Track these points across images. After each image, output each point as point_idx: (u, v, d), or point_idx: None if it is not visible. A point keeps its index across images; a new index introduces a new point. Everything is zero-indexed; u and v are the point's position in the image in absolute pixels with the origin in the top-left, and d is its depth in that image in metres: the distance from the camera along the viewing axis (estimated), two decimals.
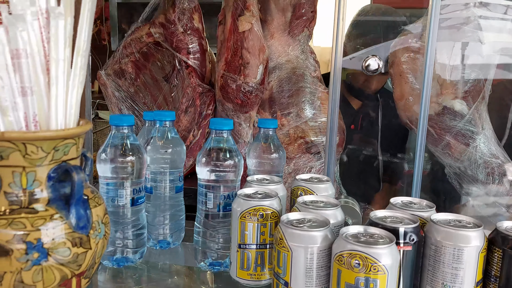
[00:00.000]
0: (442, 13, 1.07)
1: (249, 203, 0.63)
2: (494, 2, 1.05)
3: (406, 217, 0.59)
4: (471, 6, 1.05)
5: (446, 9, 1.06)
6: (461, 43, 1.03)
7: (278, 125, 1.17)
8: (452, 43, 1.04)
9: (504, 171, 1.03)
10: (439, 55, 1.03)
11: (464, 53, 1.03)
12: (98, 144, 1.81)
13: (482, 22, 1.04)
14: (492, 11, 1.05)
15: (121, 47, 1.23)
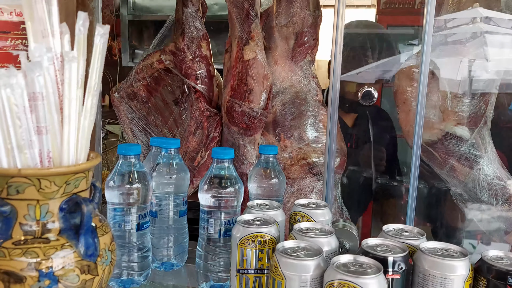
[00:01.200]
0: (449, 26, 1.10)
1: (248, 229, 0.66)
2: (501, 16, 1.08)
3: (397, 245, 0.62)
4: (478, 20, 1.08)
5: (453, 23, 1.09)
6: (467, 60, 1.06)
7: (281, 147, 1.21)
8: (458, 59, 1.06)
9: (508, 192, 1.05)
10: (444, 70, 1.06)
11: (469, 69, 1.06)
12: (107, 161, 1.86)
13: (488, 38, 1.07)
14: (499, 25, 1.08)
15: (133, 72, 1.29)
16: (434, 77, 1.05)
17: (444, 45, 1.08)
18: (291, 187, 1.20)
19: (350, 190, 1.39)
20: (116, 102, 1.31)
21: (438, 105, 1.05)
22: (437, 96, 1.05)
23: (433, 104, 1.05)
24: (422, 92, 0.79)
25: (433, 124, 1.06)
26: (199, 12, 1.21)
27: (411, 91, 1.08)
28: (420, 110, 0.80)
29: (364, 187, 1.44)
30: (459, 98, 1.04)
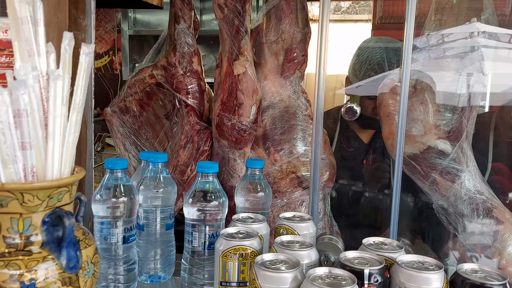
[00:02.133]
0: (447, 41, 1.13)
1: (230, 243, 0.67)
2: (498, 31, 1.10)
3: (374, 258, 0.63)
4: (476, 35, 1.10)
5: (452, 37, 1.11)
6: (465, 74, 1.08)
7: (271, 160, 1.23)
8: (455, 73, 1.09)
9: (488, 207, 1.06)
10: (440, 84, 1.08)
11: (468, 83, 1.08)
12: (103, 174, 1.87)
13: (485, 52, 1.09)
14: (496, 40, 1.10)
15: (126, 87, 1.31)
16: (416, 91, 1.07)
17: (441, 59, 1.11)
18: (281, 201, 1.21)
19: (371, 208, 1.35)
20: (108, 117, 1.33)
21: (420, 119, 1.06)
22: (419, 110, 1.07)
23: (415, 118, 1.07)
24: (403, 107, 0.81)
25: (415, 138, 1.07)
26: (190, 29, 1.24)
27: (394, 105, 1.09)
28: (402, 124, 0.82)
29: (385, 205, 1.40)
30: (441, 112, 1.06)
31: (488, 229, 1.03)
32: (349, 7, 5.01)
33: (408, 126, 1.10)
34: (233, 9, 1.15)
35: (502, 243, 1.04)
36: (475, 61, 1.10)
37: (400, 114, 0.82)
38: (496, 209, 1.06)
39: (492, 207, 1.07)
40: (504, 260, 1.03)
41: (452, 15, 1.09)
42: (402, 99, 0.81)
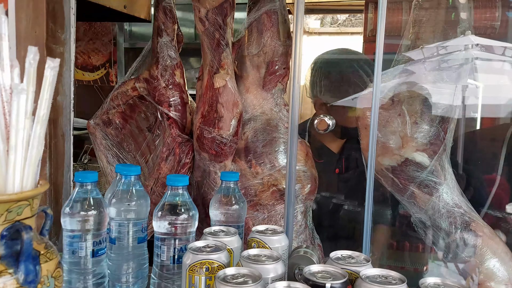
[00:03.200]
0: (441, 53, 1.14)
1: (197, 256, 0.67)
2: (491, 43, 1.11)
3: (338, 272, 0.63)
4: (469, 47, 1.11)
5: (447, 49, 1.12)
6: (460, 87, 1.09)
7: (253, 173, 1.23)
8: (449, 85, 1.09)
9: (466, 220, 1.06)
10: (437, 96, 1.09)
11: (463, 95, 1.09)
12: None
13: (478, 64, 1.10)
14: (490, 52, 1.11)
15: (108, 99, 1.32)
16: (394, 103, 1.08)
17: (437, 71, 1.11)
18: (262, 214, 1.21)
19: (351, 220, 1.36)
20: (91, 129, 1.33)
21: (397, 131, 1.07)
22: (396, 122, 1.07)
23: (392, 130, 1.07)
24: (374, 120, 0.82)
25: (393, 150, 1.08)
26: (173, 42, 1.25)
27: None
28: (373, 138, 0.82)
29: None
30: (419, 125, 1.06)
31: (466, 243, 1.03)
32: (346, 20, 5.06)
33: (386, 138, 1.10)
34: (214, 22, 1.16)
35: (480, 258, 1.03)
36: (464, 73, 1.11)
37: (372, 126, 0.83)
38: (474, 222, 1.06)
39: (470, 220, 1.06)
40: (482, 275, 1.03)
41: (429, 27, 1.10)
42: (373, 111, 0.81)
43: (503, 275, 1.01)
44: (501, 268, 1.01)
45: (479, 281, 1.03)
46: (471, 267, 1.03)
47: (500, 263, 1.01)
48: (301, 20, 0.86)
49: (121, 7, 1.38)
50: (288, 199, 0.91)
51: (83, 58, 3.57)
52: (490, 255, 1.02)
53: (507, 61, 1.14)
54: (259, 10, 1.19)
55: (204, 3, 1.15)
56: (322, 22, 4.75)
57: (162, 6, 1.23)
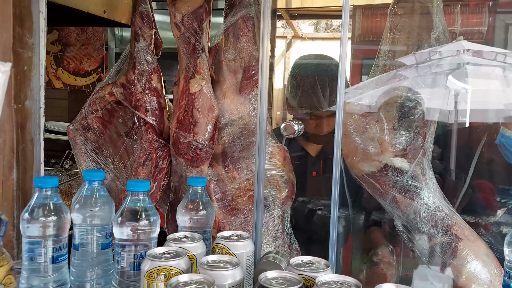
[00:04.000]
0: (433, 59, 1.13)
1: (155, 263, 0.66)
2: (483, 49, 1.11)
3: (295, 278, 0.62)
4: (461, 52, 1.11)
5: (439, 55, 1.12)
6: (453, 91, 1.08)
7: (230, 178, 1.22)
8: (441, 90, 1.09)
9: (447, 224, 1.05)
10: (430, 101, 1.08)
11: (456, 100, 1.08)
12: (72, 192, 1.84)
13: (470, 69, 1.10)
14: (482, 57, 1.11)
15: (87, 105, 1.31)
16: (372, 110, 1.08)
17: (428, 76, 1.11)
18: (239, 219, 1.20)
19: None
20: (71, 134, 1.32)
21: (376, 137, 1.06)
22: (375, 128, 1.07)
23: (371, 136, 1.07)
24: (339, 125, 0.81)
25: (372, 156, 1.07)
26: (151, 47, 1.25)
27: (352, 124, 1.10)
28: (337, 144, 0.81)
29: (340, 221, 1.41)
30: (397, 130, 1.06)
31: (447, 246, 1.02)
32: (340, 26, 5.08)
33: (365, 144, 1.10)
34: (189, 27, 1.16)
35: (461, 261, 1.02)
36: (454, 78, 1.10)
37: (336, 132, 0.82)
38: (456, 225, 1.05)
39: (452, 223, 1.06)
40: (464, 278, 1.02)
41: (404, 33, 1.10)
42: (338, 115, 0.80)
43: (485, 277, 1.00)
44: (483, 271, 1.00)
45: (460, 284, 1.02)
46: (453, 270, 1.02)
47: (482, 266, 1.01)
48: (267, 25, 0.85)
49: (100, 12, 1.38)
50: (257, 204, 0.90)
51: (75, 64, 3.58)
52: (472, 258, 1.02)
53: (498, 66, 1.14)
54: (235, 15, 1.19)
55: (180, 8, 1.15)
56: (316, 27, 4.77)
57: (139, 11, 1.23)
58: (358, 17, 2.33)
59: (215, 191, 1.21)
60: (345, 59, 0.80)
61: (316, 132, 1.40)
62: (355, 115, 1.10)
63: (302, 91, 1.37)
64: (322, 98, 1.31)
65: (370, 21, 2.32)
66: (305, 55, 1.49)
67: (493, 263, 0.98)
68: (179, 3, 1.16)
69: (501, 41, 1.95)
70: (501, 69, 1.14)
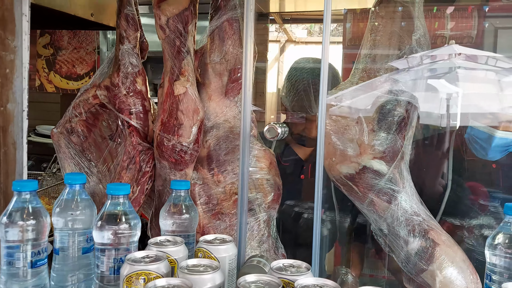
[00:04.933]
0: (425, 63, 1.14)
1: (134, 267, 0.66)
2: (475, 53, 1.12)
3: (274, 281, 0.61)
4: (453, 56, 1.12)
5: (432, 59, 1.13)
6: (445, 94, 1.09)
7: (215, 181, 1.21)
8: (434, 93, 1.10)
9: (424, 228, 1.05)
10: (423, 104, 1.09)
11: (447, 104, 1.09)
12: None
13: (461, 72, 1.11)
14: (473, 61, 1.12)
15: (71, 108, 1.30)
16: (351, 111, 1.08)
17: (422, 80, 1.12)
18: (224, 223, 1.19)
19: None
20: (55, 138, 1.31)
21: (355, 139, 1.06)
22: (354, 129, 1.07)
23: (350, 138, 1.07)
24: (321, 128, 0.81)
25: (350, 158, 1.07)
26: (136, 49, 1.24)
27: (331, 125, 1.10)
28: (320, 146, 0.82)
29: (326, 225, 1.41)
30: (376, 132, 1.06)
31: (424, 251, 1.02)
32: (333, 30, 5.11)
33: (344, 146, 1.10)
34: (174, 30, 1.15)
35: (438, 266, 1.02)
36: (445, 81, 1.11)
37: (319, 136, 0.82)
38: (433, 230, 1.05)
39: (429, 228, 1.06)
40: (441, 283, 1.02)
41: (385, 35, 1.11)
42: (320, 119, 0.81)
43: (461, 283, 1.00)
44: (459, 277, 1.00)
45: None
46: (430, 275, 1.02)
47: (458, 271, 1.01)
48: (251, 28, 0.85)
49: (87, 15, 1.37)
50: (241, 207, 0.90)
51: (68, 67, 3.55)
52: (448, 263, 1.02)
53: (490, 70, 1.15)
54: (220, 18, 1.19)
55: (165, 10, 1.15)
56: (309, 31, 4.79)
57: (124, 14, 1.22)
58: (349, 21, 2.35)
59: (200, 194, 1.21)
60: (326, 64, 0.81)
61: (306, 135, 1.41)
62: (334, 116, 1.10)
63: (295, 94, 1.37)
64: (314, 102, 1.32)
65: (361, 25, 2.34)
66: (302, 58, 1.50)
67: (469, 269, 0.98)
68: (164, 5, 1.15)
69: (491, 45, 1.98)
70: (492, 73, 1.15)
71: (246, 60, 0.87)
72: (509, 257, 0.68)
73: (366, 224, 1.28)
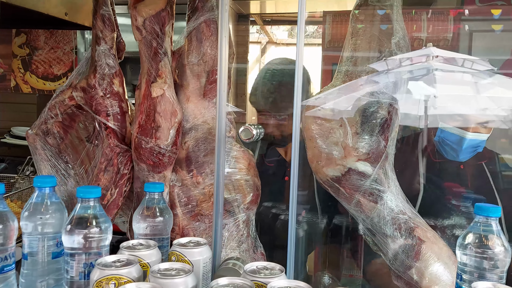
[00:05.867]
0: (404, 65, 1.15)
1: (104, 272, 0.64)
2: (452, 55, 1.13)
3: (246, 284, 0.61)
4: (430, 58, 1.12)
5: (409, 61, 1.13)
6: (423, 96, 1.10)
7: (194, 183, 1.20)
8: (413, 95, 1.10)
9: (410, 226, 1.06)
10: (404, 106, 1.10)
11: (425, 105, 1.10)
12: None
13: (438, 74, 1.11)
14: (450, 63, 1.12)
15: (46, 109, 1.27)
16: (335, 115, 1.08)
17: (401, 82, 1.12)
18: (204, 224, 1.18)
19: None
20: (30, 139, 1.28)
21: (340, 142, 1.07)
22: (338, 132, 1.07)
23: (335, 141, 1.08)
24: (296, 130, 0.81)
25: (336, 160, 1.07)
26: (112, 50, 1.22)
27: (316, 129, 1.10)
28: (295, 147, 0.81)
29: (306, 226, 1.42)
30: (359, 135, 1.07)
31: (410, 248, 1.03)
32: (314, 32, 5.15)
33: (329, 149, 1.11)
34: (151, 31, 1.14)
35: (424, 263, 1.03)
36: (423, 83, 1.12)
37: (293, 138, 0.82)
38: (418, 228, 1.07)
39: (415, 226, 1.07)
40: (427, 280, 1.03)
41: (365, 39, 1.11)
42: (295, 122, 0.80)
43: (447, 278, 1.02)
44: (445, 272, 1.02)
45: (424, 286, 1.03)
46: (417, 272, 1.03)
47: (444, 267, 1.02)
48: (225, 29, 0.85)
49: (61, 14, 1.35)
50: (216, 209, 0.89)
51: (44, 68, 3.49)
52: (434, 260, 1.03)
53: (466, 72, 1.17)
54: (198, 19, 1.18)
55: (141, 11, 1.13)
56: (290, 33, 4.80)
57: (100, 14, 1.20)
58: (328, 23, 2.36)
59: (179, 196, 1.20)
60: (301, 66, 0.80)
61: (286, 135, 1.40)
62: (319, 119, 1.11)
63: (268, 96, 1.37)
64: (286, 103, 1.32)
65: (340, 27, 2.36)
66: (274, 59, 1.50)
67: (454, 264, 0.99)
68: (140, 6, 1.14)
69: (466, 47, 2.01)
70: (469, 75, 1.17)
71: (221, 60, 0.87)
72: (479, 257, 0.69)
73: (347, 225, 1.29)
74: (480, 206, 0.69)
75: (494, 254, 0.68)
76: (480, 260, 0.68)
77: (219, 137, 0.89)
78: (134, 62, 1.37)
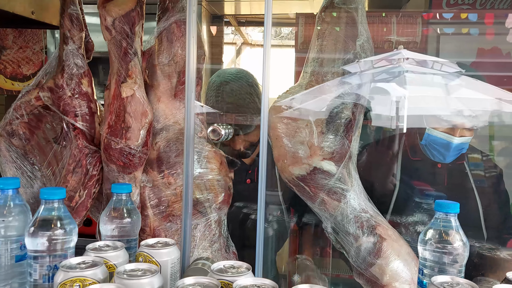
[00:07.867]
0: (376, 67, 1.16)
1: (68, 274, 0.63)
2: (422, 58, 1.16)
3: (212, 283, 0.61)
4: (401, 60, 1.15)
5: (382, 63, 1.15)
6: (395, 98, 1.12)
7: (165, 184, 1.20)
8: (385, 96, 1.12)
9: (372, 224, 1.09)
10: (376, 107, 1.11)
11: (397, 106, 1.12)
12: None
13: (408, 76, 1.14)
14: (420, 65, 1.15)
15: (11, 109, 1.24)
16: (301, 114, 1.10)
17: (373, 83, 1.14)
18: (175, 225, 1.18)
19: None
20: None
21: (305, 141, 1.09)
22: (304, 132, 1.09)
23: (301, 140, 1.09)
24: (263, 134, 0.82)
25: (302, 159, 1.09)
26: (81, 50, 1.20)
27: (282, 128, 1.11)
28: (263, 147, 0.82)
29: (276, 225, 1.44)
30: (324, 134, 1.09)
31: (372, 246, 1.05)
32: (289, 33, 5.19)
33: (295, 148, 1.12)
34: (121, 31, 1.13)
35: (385, 260, 1.06)
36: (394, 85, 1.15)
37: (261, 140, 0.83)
38: (380, 226, 1.09)
39: (376, 224, 1.10)
40: (388, 276, 1.06)
41: (331, 40, 1.13)
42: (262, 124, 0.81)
43: (407, 275, 1.04)
44: (405, 269, 1.05)
45: (385, 282, 1.05)
46: (378, 269, 1.05)
47: (404, 264, 1.05)
48: (193, 30, 0.85)
49: (28, 13, 1.32)
50: (185, 211, 0.89)
51: (13, 68, 3.39)
52: (395, 257, 1.06)
53: (436, 74, 1.20)
54: (168, 19, 1.17)
55: (110, 11, 1.12)
56: None
57: (68, 13, 1.18)
58: (301, 25, 2.39)
59: (150, 197, 1.19)
60: (268, 68, 0.81)
61: (233, 148, 1.43)
62: (285, 119, 1.12)
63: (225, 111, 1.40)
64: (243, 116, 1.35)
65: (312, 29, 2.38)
66: (224, 69, 1.53)
67: (414, 261, 1.02)
68: (109, 6, 1.13)
69: (434, 50, 2.07)
70: (439, 77, 1.21)
71: (189, 61, 0.87)
72: (439, 252, 0.71)
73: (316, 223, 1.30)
74: (440, 202, 0.72)
75: (453, 248, 0.71)
76: (440, 255, 0.71)
77: (187, 137, 0.89)
78: (106, 63, 1.36)
